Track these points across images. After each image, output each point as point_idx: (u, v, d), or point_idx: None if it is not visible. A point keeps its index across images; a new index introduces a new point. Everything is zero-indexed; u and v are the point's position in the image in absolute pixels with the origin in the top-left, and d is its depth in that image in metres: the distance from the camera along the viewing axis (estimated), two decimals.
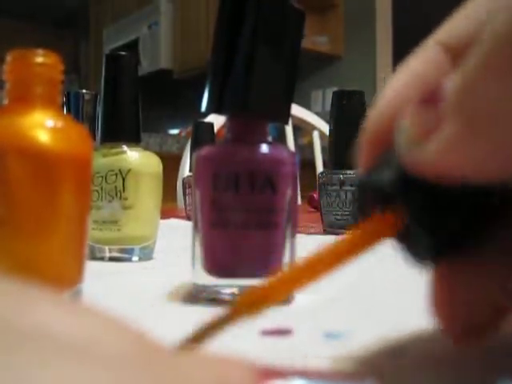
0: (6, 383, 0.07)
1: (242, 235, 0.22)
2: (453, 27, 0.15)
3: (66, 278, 0.19)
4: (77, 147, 0.19)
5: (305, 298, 0.23)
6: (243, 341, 0.17)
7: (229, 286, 0.22)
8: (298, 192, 0.95)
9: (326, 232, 0.54)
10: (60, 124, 0.19)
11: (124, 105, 0.38)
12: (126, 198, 0.36)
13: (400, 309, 0.22)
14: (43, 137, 0.18)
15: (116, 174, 0.36)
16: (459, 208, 0.14)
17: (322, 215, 0.54)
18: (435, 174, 0.13)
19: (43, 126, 0.18)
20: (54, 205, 0.18)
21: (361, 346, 0.17)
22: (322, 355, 0.16)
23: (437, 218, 0.14)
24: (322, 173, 0.54)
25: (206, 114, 1.13)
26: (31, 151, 0.18)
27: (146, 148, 0.39)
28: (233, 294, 0.22)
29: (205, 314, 0.21)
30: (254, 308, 0.13)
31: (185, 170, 1.19)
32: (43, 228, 0.18)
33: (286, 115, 0.23)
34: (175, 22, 2.89)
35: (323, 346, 0.17)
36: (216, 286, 0.23)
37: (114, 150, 0.37)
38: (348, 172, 0.51)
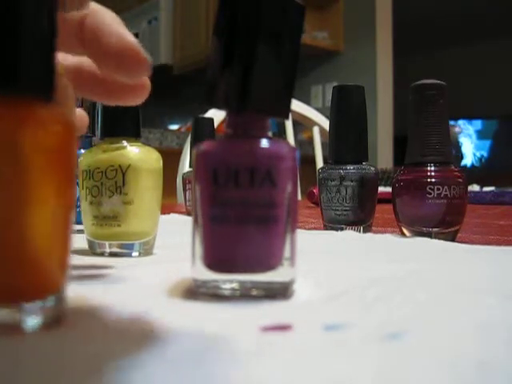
0: None
1: (242, 230, 0.22)
2: None
3: (47, 282, 0.18)
4: (58, 140, 0.18)
5: (304, 292, 0.23)
6: (243, 338, 0.17)
7: (229, 281, 0.22)
8: (298, 187, 0.95)
9: (325, 227, 0.54)
10: (42, 116, 0.17)
11: None
12: (126, 194, 0.36)
13: (400, 301, 0.22)
14: (21, 129, 0.17)
15: (116, 170, 0.36)
16: None
17: (321, 210, 0.54)
18: None
19: (25, 120, 0.17)
20: (30, 201, 0.17)
21: (361, 336, 0.17)
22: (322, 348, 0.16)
23: None
24: (322, 168, 0.54)
25: (205, 109, 1.13)
26: (9, 144, 0.16)
27: (146, 143, 0.39)
28: (233, 289, 0.22)
29: (205, 309, 0.21)
30: None
31: (185, 165, 1.19)
32: (18, 226, 0.17)
33: (286, 110, 0.23)
34: (175, 17, 2.89)
35: (324, 339, 0.17)
36: (216, 281, 0.23)
37: (113, 146, 0.37)
38: (348, 167, 0.51)
